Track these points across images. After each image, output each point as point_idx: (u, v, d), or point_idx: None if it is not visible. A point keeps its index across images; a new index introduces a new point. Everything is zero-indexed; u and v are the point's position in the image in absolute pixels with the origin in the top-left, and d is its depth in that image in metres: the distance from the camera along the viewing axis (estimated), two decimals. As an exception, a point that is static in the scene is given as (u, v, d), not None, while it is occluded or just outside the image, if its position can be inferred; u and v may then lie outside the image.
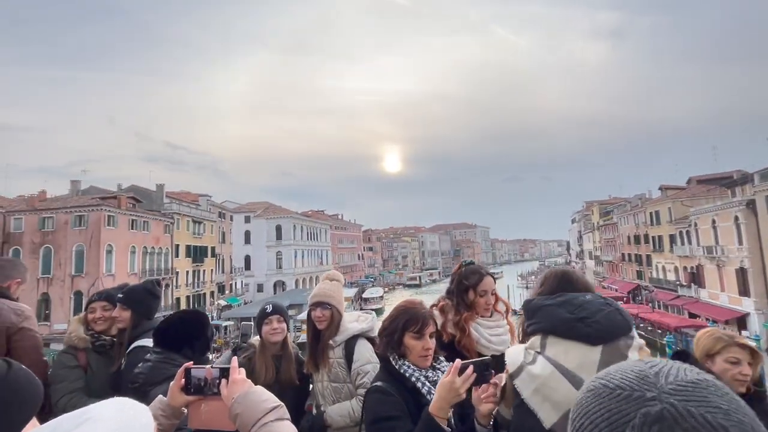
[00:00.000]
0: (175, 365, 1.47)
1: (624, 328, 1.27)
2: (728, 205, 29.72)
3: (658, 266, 41.26)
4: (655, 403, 0.50)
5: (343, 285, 2.55)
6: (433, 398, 1.43)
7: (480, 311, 2.15)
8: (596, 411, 0.55)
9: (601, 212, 61.88)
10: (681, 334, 29.51)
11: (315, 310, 2.31)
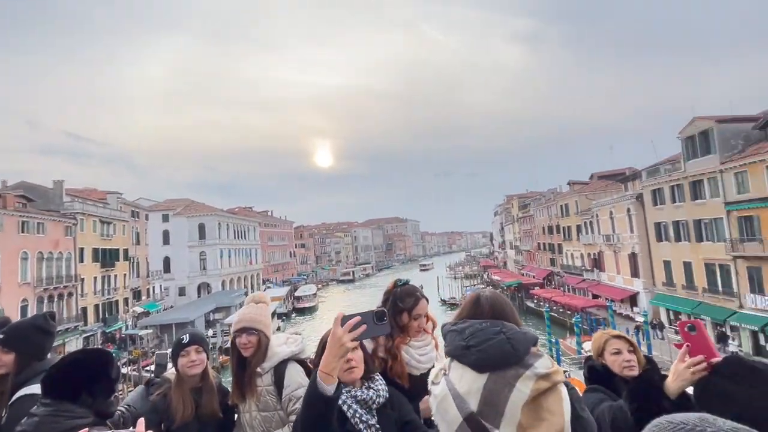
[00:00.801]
0: (70, 418, 1.28)
1: (512, 358, 1.25)
2: (622, 198, 33.81)
3: (567, 254, 45.74)
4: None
5: (269, 306, 2.42)
6: None
7: (412, 334, 2.08)
8: None
9: (519, 205, 66.89)
10: (586, 313, 33.09)
11: (240, 337, 2.13)
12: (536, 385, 1.20)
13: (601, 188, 41.92)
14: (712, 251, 24.64)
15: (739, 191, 22.50)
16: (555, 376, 1.23)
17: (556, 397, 1.21)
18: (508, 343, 1.26)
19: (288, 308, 52.96)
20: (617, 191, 37.92)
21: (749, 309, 22.11)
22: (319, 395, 1.34)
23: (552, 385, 1.22)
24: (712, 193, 24.43)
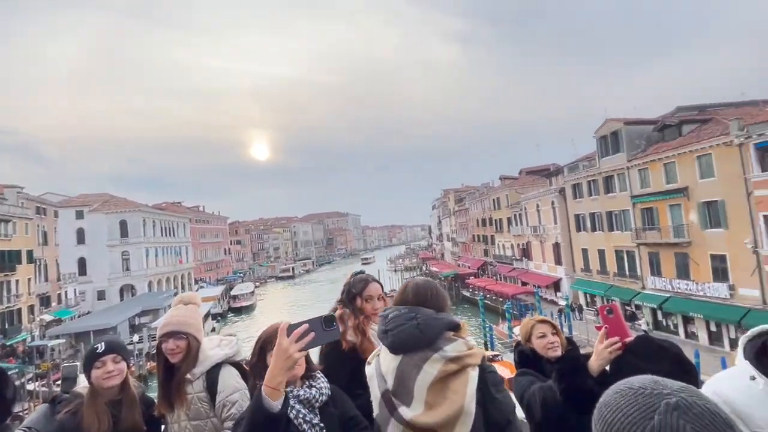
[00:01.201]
0: None
1: (421, 342, 1.38)
2: (547, 192, 36.57)
3: (499, 244, 48.57)
4: (671, 396, 0.69)
5: (200, 307, 2.22)
6: None
7: (369, 316, 2.16)
8: (626, 406, 0.71)
9: (456, 199, 69.62)
10: (516, 300, 35.44)
11: (167, 342, 1.95)
12: (444, 367, 1.34)
13: (529, 183, 44.95)
14: (620, 239, 27.58)
15: (642, 186, 25.38)
16: (465, 360, 1.36)
17: (462, 380, 1.33)
18: (417, 329, 1.39)
19: (223, 308, 50.52)
20: (543, 186, 40.91)
21: (650, 289, 25.13)
22: (266, 413, 1.26)
23: (460, 367, 1.35)
24: (621, 188, 27.29)
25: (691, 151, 21.80)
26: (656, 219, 24.44)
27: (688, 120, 24.45)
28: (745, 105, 25.33)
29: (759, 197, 18.58)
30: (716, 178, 20.57)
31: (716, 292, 20.92)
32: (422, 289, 1.53)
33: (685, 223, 22.44)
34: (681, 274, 23.14)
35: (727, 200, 20.14)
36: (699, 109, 26.22)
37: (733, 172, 19.66)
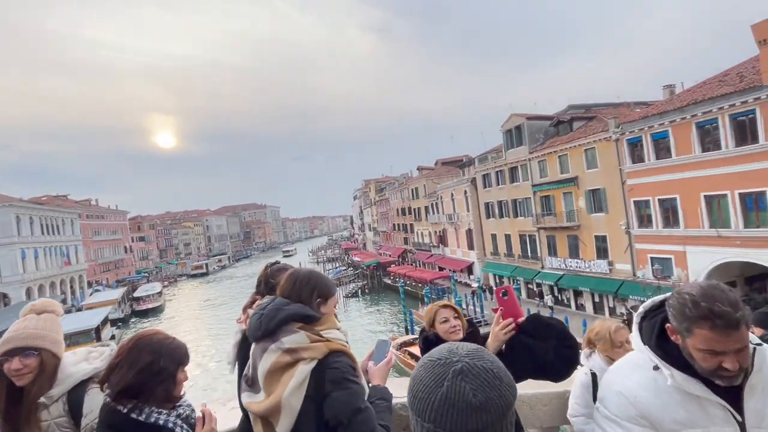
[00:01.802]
0: None
1: (260, 332, 1.44)
2: (460, 182, 38.77)
3: (418, 232, 50.48)
4: (458, 362, 0.79)
5: (59, 314, 1.83)
6: None
7: None
8: (424, 375, 0.80)
9: (376, 189, 70.65)
10: (434, 284, 37.27)
11: (10, 362, 1.56)
12: (278, 358, 1.39)
13: (444, 173, 47.23)
14: (524, 225, 30.39)
15: (541, 176, 28.15)
16: (301, 353, 1.39)
17: (290, 372, 1.37)
18: (258, 320, 1.45)
19: (125, 312, 45.52)
20: (457, 176, 43.26)
21: (548, 269, 28.15)
22: None
23: (294, 360, 1.38)
24: (523, 177, 29.97)
25: (579, 145, 24.66)
26: (553, 205, 27.33)
27: (578, 117, 27.61)
28: (621, 106, 29.28)
29: (631, 185, 21.74)
30: (599, 169, 23.58)
31: (599, 267, 24.15)
32: (296, 279, 1.56)
33: (576, 208, 25.44)
34: (572, 253, 26.27)
35: (607, 188, 23.22)
36: (586, 108, 29.70)
37: (611, 164, 22.70)
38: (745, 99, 16.57)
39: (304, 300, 1.50)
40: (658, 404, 1.16)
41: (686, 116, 18.68)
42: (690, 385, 1.13)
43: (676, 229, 19.86)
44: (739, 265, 18.40)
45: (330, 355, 1.41)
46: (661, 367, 1.16)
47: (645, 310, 1.30)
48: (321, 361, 1.39)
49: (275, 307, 1.47)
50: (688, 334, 1.10)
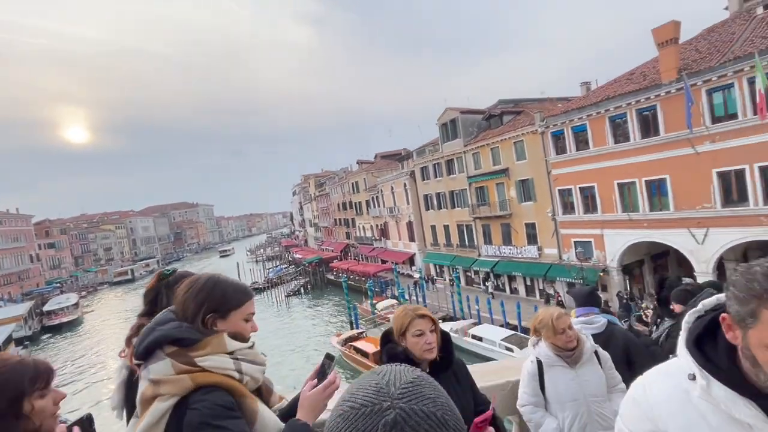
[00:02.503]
0: None
1: (138, 354, 1.20)
2: (399, 175, 39.26)
3: (360, 226, 50.46)
4: (390, 411, 0.59)
5: None
6: None
7: None
8: (344, 428, 0.60)
9: (316, 184, 69.42)
10: (377, 278, 37.51)
11: None
12: (144, 390, 1.15)
13: (383, 166, 47.54)
14: (461, 215, 31.54)
15: (476, 168, 29.33)
16: (160, 387, 1.12)
17: (149, 408, 1.12)
18: (143, 337, 1.21)
19: (33, 329, 40.52)
20: (396, 169, 43.73)
21: (484, 256, 29.52)
22: None
23: (153, 395, 1.12)
24: (459, 170, 31.03)
25: (509, 138, 26.00)
26: (487, 196, 28.63)
27: (507, 111, 29.07)
28: (545, 101, 31.32)
29: (555, 175, 23.37)
30: (527, 161, 25.05)
31: (529, 253, 25.78)
32: (186, 289, 1.28)
33: (507, 198, 26.86)
34: (506, 241, 27.76)
35: (535, 178, 24.76)
36: (514, 103, 31.36)
37: (538, 156, 24.22)
38: (648, 95, 18.45)
39: (189, 316, 1.23)
40: (681, 422, 0.89)
41: (601, 111, 20.41)
42: (736, 405, 0.82)
43: (594, 215, 21.72)
44: (646, 244, 20.60)
45: (196, 392, 1.11)
46: (698, 375, 0.87)
47: (705, 308, 0.97)
48: (184, 398, 1.11)
49: (150, 325, 1.22)
50: (753, 321, 0.79)
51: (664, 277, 3.18)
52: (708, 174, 17.00)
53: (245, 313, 1.33)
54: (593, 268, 21.69)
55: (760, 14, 18.00)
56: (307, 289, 45.59)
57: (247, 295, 1.36)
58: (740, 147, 15.91)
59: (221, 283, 1.30)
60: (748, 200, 16.06)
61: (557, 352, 2.09)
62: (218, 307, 1.26)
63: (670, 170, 18.23)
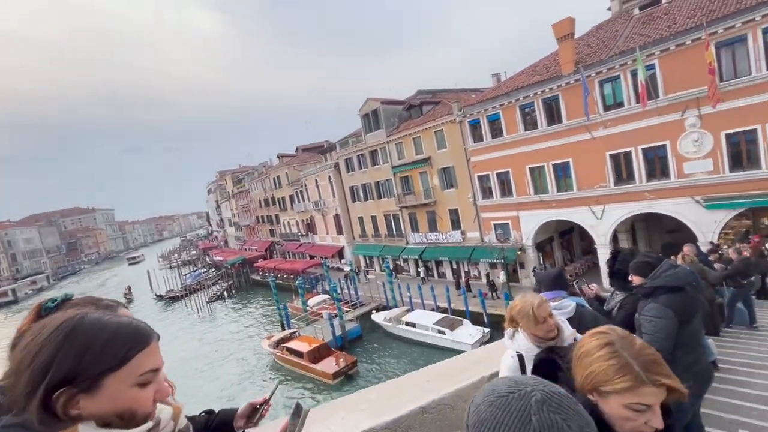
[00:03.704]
0: None
1: None
2: (323, 168, 38.43)
3: (284, 223, 48.66)
4: (534, 392, 0.72)
5: None
6: None
7: None
8: (500, 415, 0.70)
9: (234, 181, 65.36)
10: (306, 274, 36.52)
11: None
12: None
13: (306, 160, 46.18)
14: (387, 205, 31.84)
15: (399, 158, 29.72)
16: None
17: None
18: None
19: None
20: (319, 162, 42.75)
21: (412, 244, 30.20)
22: None
23: None
24: (383, 160, 31.21)
25: (430, 127, 26.68)
26: (411, 185, 29.20)
27: (426, 102, 29.79)
28: (460, 92, 32.70)
29: (474, 162, 24.54)
30: (448, 149, 25.96)
31: (454, 238, 26.91)
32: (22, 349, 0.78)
33: (431, 186, 27.66)
34: (432, 227, 28.65)
35: (455, 166, 25.77)
36: (432, 93, 32.25)
37: (457, 144, 25.20)
38: (551, 86, 20.07)
39: (19, 398, 0.74)
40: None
41: (511, 100, 21.77)
42: None
43: (510, 198, 23.26)
44: (555, 222, 22.61)
45: None
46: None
47: None
48: None
49: None
50: None
51: (617, 251, 3.28)
52: (602, 156, 19.05)
53: (137, 373, 0.82)
54: (512, 247, 23.29)
55: (636, 15, 20.46)
56: (231, 293, 42.92)
57: (139, 341, 0.84)
58: (627, 132, 18.05)
59: (84, 330, 0.78)
60: (635, 178, 18.33)
61: (538, 343, 1.93)
62: (76, 374, 0.75)
63: (572, 154, 20.10)
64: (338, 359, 19.01)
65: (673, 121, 16.69)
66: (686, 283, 2.46)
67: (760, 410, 3.67)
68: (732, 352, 5.69)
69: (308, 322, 24.95)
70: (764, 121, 14.67)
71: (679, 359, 2.40)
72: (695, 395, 2.50)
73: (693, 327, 2.43)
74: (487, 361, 2.25)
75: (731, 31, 14.82)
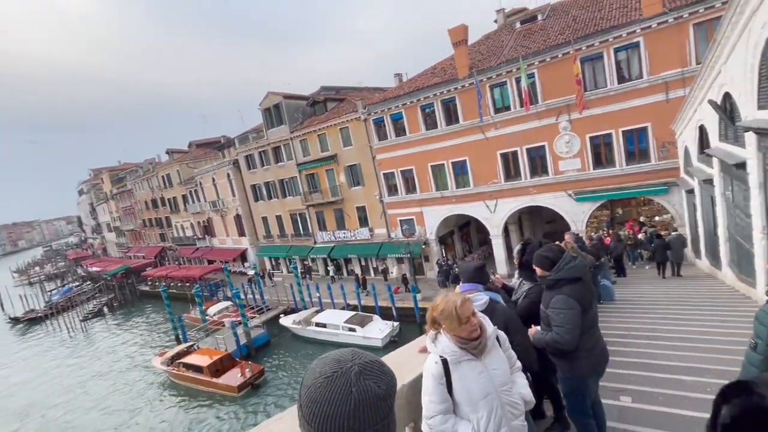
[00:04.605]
0: None
1: None
2: (221, 165, 35.66)
3: (177, 225, 44.12)
4: (353, 366, 0.85)
5: None
6: None
7: None
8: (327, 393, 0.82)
9: (113, 180, 57.30)
10: (205, 281, 33.60)
11: None
12: None
13: (201, 156, 42.40)
14: (293, 204, 30.77)
15: (305, 154, 28.89)
16: None
17: None
18: None
19: None
20: (216, 159, 39.59)
21: (320, 243, 29.65)
22: None
23: None
24: (288, 157, 30.06)
25: (335, 124, 26.39)
26: (318, 182, 28.62)
27: (331, 98, 29.40)
28: (364, 90, 33.00)
29: (379, 160, 24.94)
30: (354, 146, 25.97)
31: (362, 235, 27.09)
32: None
33: (338, 184, 27.42)
34: (340, 225, 28.44)
35: (362, 163, 25.91)
36: (336, 90, 32.00)
37: (363, 141, 25.36)
38: (449, 88, 21.28)
39: None
40: None
41: (413, 100, 22.57)
42: None
43: (414, 195, 24.16)
44: (455, 217, 24.12)
45: None
46: None
47: None
48: None
49: None
50: None
51: (526, 242, 3.41)
52: (494, 155, 20.81)
53: None
54: (417, 242, 24.24)
55: (518, 28, 22.73)
56: (113, 308, 37.55)
57: None
58: (514, 133, 19.97)
59: None
60: (521, 175, 20.39)
61: (462, 345, 1.83)
62: None
63: (468, 153, 21.60)
64: (243, 370, 17.76)
65: (549, 124, 18.91)
66: (584, 273, 2.63)
67: (636, 375, 4.22)
68: (605, 324, 6.53)
69: (208, 332, 22.92)
70: (617, 126, 17.42)
71: (582, 344, 2.56)
72: (596, 374, 2.69)
73: (592, 312, 2.61)
74: (401, 367, 2.10)
75: (591, 48, 17.26)
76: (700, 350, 5.06)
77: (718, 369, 4.31)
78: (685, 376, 4.21)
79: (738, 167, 7.72)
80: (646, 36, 16.11)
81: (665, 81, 16.03)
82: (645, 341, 5.65)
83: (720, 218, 10.12)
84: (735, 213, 8.96)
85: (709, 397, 3.65)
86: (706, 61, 8.87)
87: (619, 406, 3.69)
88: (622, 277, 13.32)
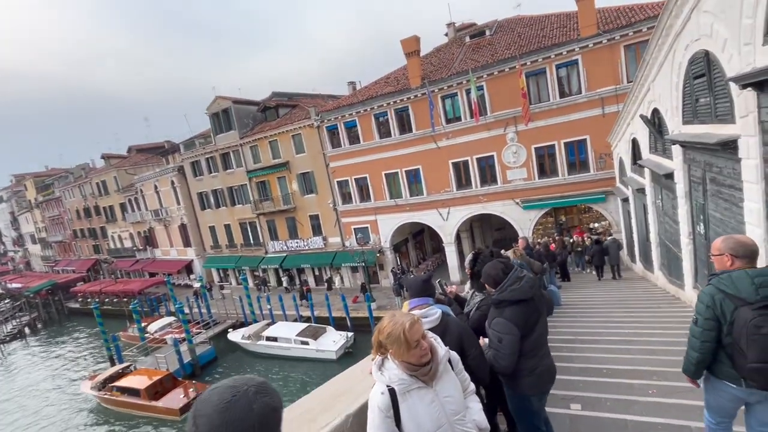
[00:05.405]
0: None
1: None
2: (164, 171, 33.58)
3: (114, 236, 40.88)
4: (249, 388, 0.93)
5: None
6: None
7: None
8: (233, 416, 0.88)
9: (38, 186, 52.16)
10: (144, 295, 31.27)
11: None
12: None
13: (142, 162, 39.71)
14: (243, 212, 29.54)
15: (255, 161, 27.90)
16: None
17: None
18: None
19: None
20: (159, 164, 37.28)
21: (272, 253, 28.64)
22: None
23: None
24: (237, 164, 28.87)
25: (287, 131, 25.76)
26: (269, 190, 27.70)
27: (283, 104, 28.71)
28: (317, 97, 32.57)
29: (333, 168, 24.60)
30: (306, 154, 25.45)
31: (316, 244, 26.50)
32: None
33: (290, 191, 26.70)
34: (292, 234, 27.65)
35: (315, 171, 25.43)
36: (288, 96, 31.31)
37: (316, 149, 24.92)
38: (402, 97, 21.50)
39: None
40: None
41: (367, 109, 22.56)
42: None
43: (368, 203, 24.04)
44: (409, 225, 24.26)
45: None
46: None
47: None
48: None
49: None
50: None
51: (478, 252, 3.31)
52: (446, 164, 21.22)
53: None
54: (372, 250, 24.08)
55: (468, 42, 23.52)
56: (35, 328, 33.88)
57: None
58: (465, 143, 20.50)
59: None
60: (472, 184, 20.93)
61: (411, 372, 1.64)
62: None
63: (421, 162, 21.86)
64: (187, 390, 16.53)
65: (498, 135, 19.62)
66: (529, 294, 2.51)
67: (585, 381, 4.28)
68: (552, 329, 6.69)
69: (148, 351, 21.21)
70: (560, 138, 18.40)
71: (523, 365, 2.49)
72: (540, 394, 2.62)
73: (535, 335, 2.52)
74: (348, 394, 1.90)
75: (536, 64, 18.18)
76: (642, 352, 5.27)
77: (661, 371, 4.47)
78: (630, 379, 4.33)
79: (667, 177, 8.31)
80: (583, 54, 17.22)
81: (601, 97, 17.19)
82: (590, 345, 5.82)
83: (651, 225, 10.88)
84: (664, 220, 9.65)
85: (655, 401, 3.76)
86: (637, 80, 9.56)
87: (570, 415, 3.69)
88: (567, 281, 13.94)
